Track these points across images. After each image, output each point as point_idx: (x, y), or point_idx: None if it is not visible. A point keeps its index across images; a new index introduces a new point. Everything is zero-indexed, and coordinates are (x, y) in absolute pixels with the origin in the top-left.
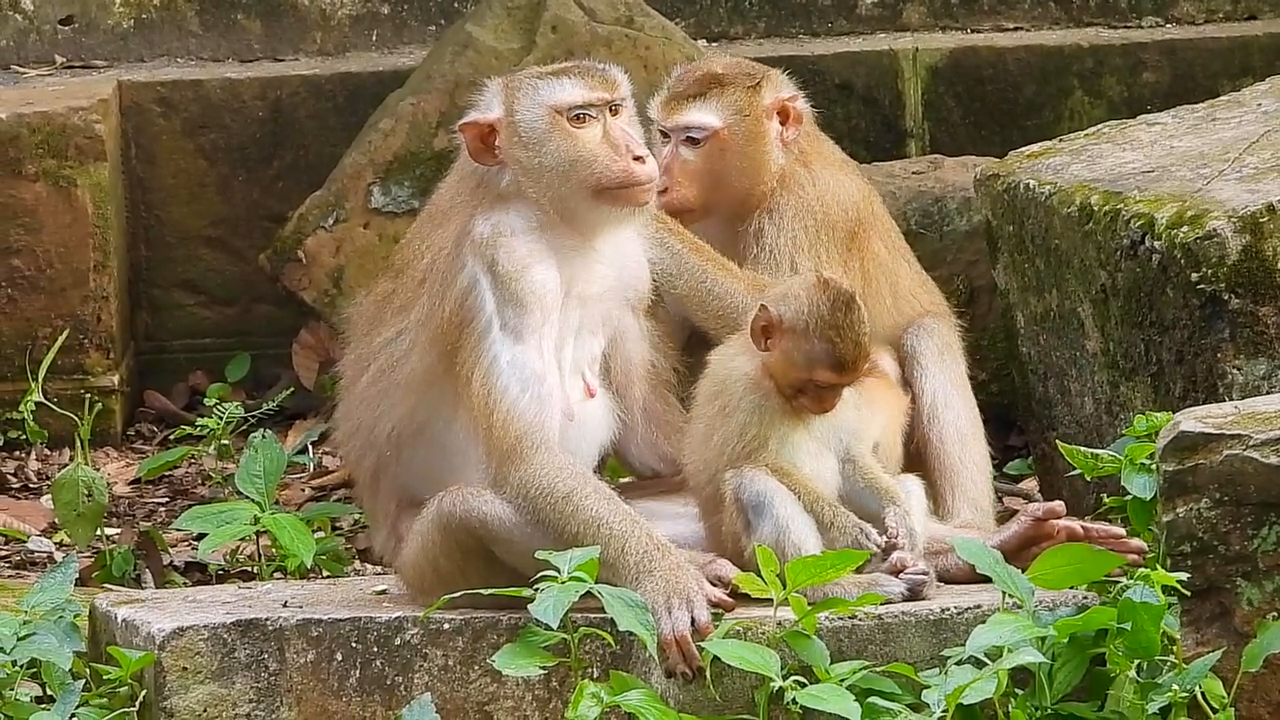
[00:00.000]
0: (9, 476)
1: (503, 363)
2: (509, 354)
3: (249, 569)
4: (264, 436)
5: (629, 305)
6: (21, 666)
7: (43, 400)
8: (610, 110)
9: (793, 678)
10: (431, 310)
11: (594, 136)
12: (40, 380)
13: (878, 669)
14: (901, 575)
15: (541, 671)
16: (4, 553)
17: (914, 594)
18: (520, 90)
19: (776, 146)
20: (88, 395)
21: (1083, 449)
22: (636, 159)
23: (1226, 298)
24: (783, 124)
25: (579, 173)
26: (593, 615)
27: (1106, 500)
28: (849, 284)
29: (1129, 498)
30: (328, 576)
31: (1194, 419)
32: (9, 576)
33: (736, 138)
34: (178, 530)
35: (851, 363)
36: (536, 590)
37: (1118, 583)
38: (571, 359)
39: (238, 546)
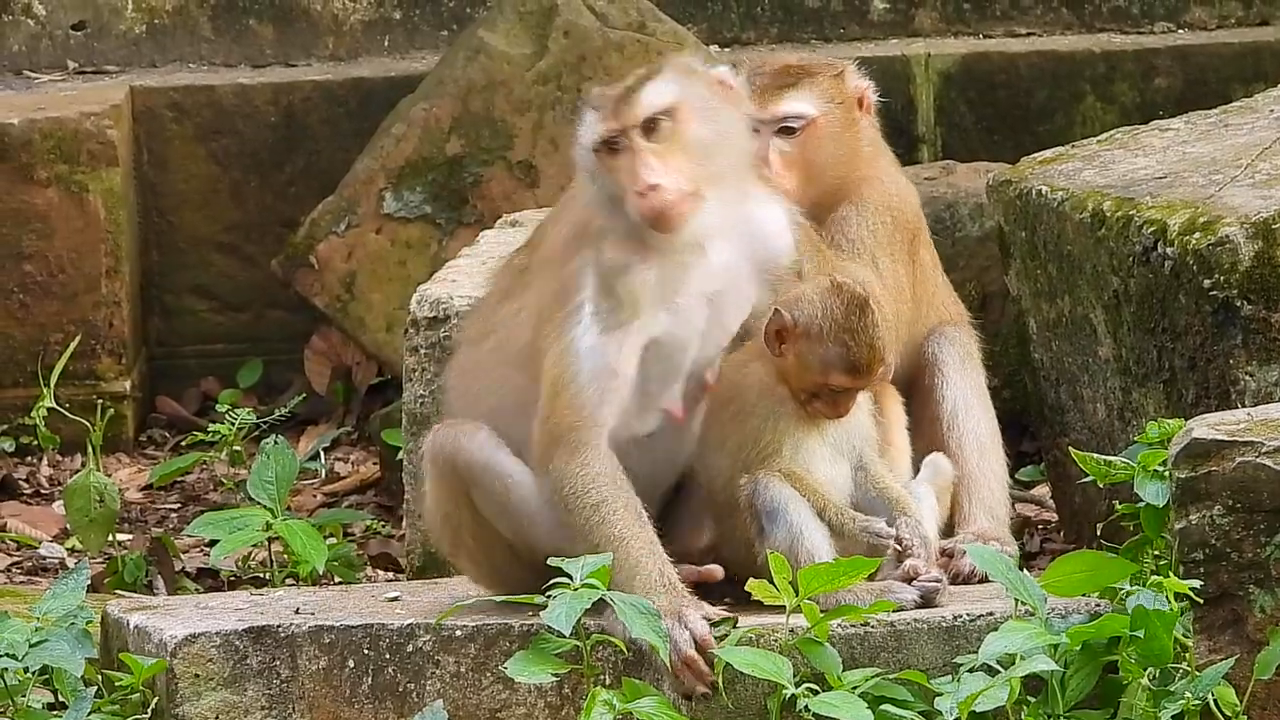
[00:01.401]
0: (21, 482)
1: (581, 346)
2: (590, 340)
3: (261, 575)
4: (276, 442)
5: (768, 284)
6: (33, 673)
7: (54, 406)
8: (642, 132)
9: (805, 685)
10: (542, 290)
11: (625, 167)
12: (52, 386)
13: (890, 676)
14: (914, 582)
15: (554, 678)
16: (16, 559)
17: (926, 601)
18: (577, 122)
19: (869, 134)
20: (100, 401)
21: (1095, 455)
22: (640, 193)
23: (1239, 304)
24: (864, 113)
25: (624, 206)
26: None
27: (1118, 507)
28: (860, 288)
29: (1141, 504)
30: (340, 583)
31: (1206, 426)
32: (21, 582)
33: (833, 125)
34: (190, 536)
35: (866, 366)
36: (549, 597)
37: (1130, 590)
38: (673, 368)
39: (250, 553)
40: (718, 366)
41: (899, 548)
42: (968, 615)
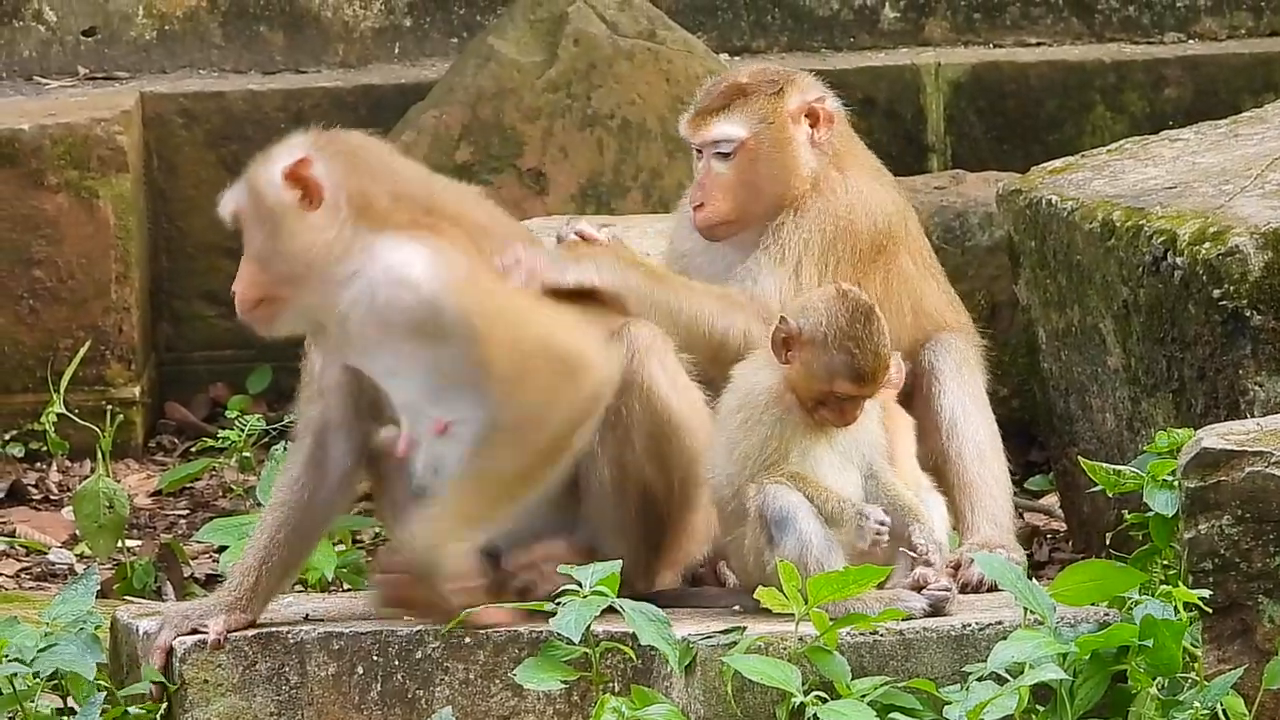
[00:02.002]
0: (30, 488)
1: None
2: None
3: None
4: (285, 449)
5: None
6: (43, 678)
7: (64, 412)
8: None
9: (814, 693)
10: None
11: None
12: (61, 391)
13: (899, 685)
14: (924, 591)
15: (563, 685)
16: (25, 564)
17: (936, 610)
18: None
19: (807, 149)
20: (109, 407)
21: (1104, 465)
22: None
23: (1248, 314)
24: (813, 126)
25: None
26: (614, 629)
27: (1128, 516)
28: (868, 296)
29: (1150, 514)
30: (348, 589)
31: (1216, 436)
32: (30, 588)
33: (764, 145)
34: (199, 542)
35: (871, 374)
36: (558, 604)
37: (1139, 600)
38: None
39: None
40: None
41: (913, 554)
42: (977, 624)
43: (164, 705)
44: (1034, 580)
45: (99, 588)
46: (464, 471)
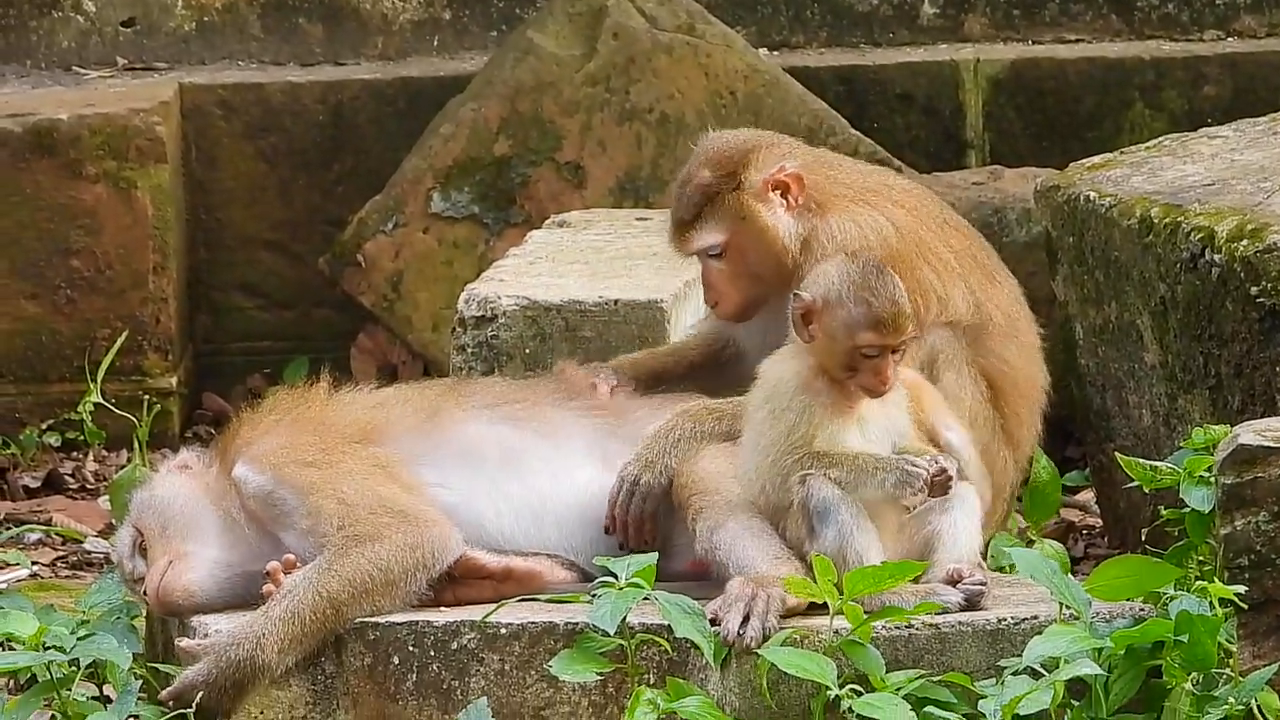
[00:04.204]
0: (67, 477)
1: None
2: None
3: None
4: None
5: None
6: (80, 667)
7: (101, 401)
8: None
9: (848, 686)
10: None
11: None
12: (99, 381)
13: (934, 679)
14: (959, 585)
15: (598, 677)
16: (61, 553)
17: (971, 604)
18: None
19: (786, 221)
20: (146, 397)
21: (1140, 460)
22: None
23: None
24: (784, 195)
25: None
26: (650, 622)
27: (1164, 512)
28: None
29: (1186, 510)
30: None
31: (1253, 432)
32: (66, 577)
33: (746, 239)
34: None
35: (891, 320)
36: (594, 596)
37: (1175, 595)
38: None
39: None
40: None
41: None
42: (1012, 618)
43: (199, 694)
44: (1070, 576)
45: None
46: None
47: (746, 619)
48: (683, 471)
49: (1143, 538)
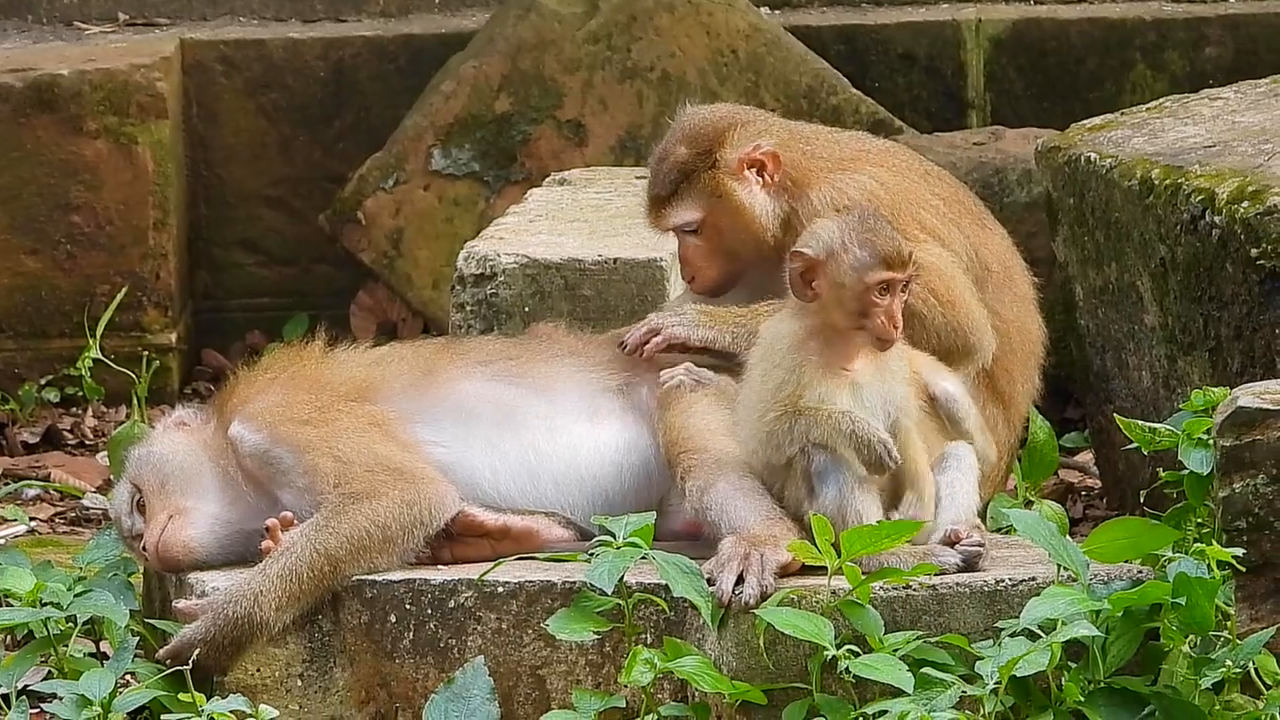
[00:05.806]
0: (65, 433)
1: None
2: None
3: None
4: None
5: None
6: (77, 623)
7: (100, 357)
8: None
9: (846, 647)
10: None
11: None
12: (98, 337)
13: (931, 640)
14: (957, 546)
15: (595, 637)
16: (59, 509)
17: (969, 565)
18: None
19: (763, 198)
20: (145, 353)
21: (1139, 422)
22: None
23: None
24: (760, 173)
25: None
26: (647, 581)
27: (1162, 474)
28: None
29: (1185, 472)
30: None
31: (1252, 395)
32: (64, 533)
33: (722, 216)
34: None
35: (897, 254)
36: (591, 555)
37: (1173, 557)
38: None
39: None
40: None
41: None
42: (1010, 580)
43: (197, 651)
44: (1068, 537)
45: None
46: None
47: (741, 578)
48: (671, 426)
49: (1141, 500)
